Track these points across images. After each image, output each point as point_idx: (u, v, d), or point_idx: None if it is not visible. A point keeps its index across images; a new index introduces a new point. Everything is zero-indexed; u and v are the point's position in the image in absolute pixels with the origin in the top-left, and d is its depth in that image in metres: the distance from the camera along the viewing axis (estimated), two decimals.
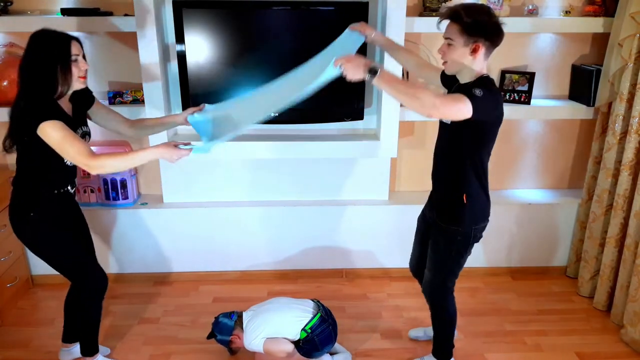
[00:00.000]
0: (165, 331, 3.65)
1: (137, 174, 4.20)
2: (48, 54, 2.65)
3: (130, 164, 2.70)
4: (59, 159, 2.73)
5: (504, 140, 4.23)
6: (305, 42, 3.66)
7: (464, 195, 2.80)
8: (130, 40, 3.73)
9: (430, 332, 3.36)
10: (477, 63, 2.60)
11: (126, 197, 4.04)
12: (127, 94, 3.86)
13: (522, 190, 4.40)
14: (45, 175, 2.81)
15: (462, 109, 2.46)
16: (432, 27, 3.62)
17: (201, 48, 3.61)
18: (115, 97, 3.85)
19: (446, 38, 2.63)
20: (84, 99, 2.95)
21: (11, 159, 4.07)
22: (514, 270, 4.31)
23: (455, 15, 2.57)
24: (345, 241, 4.21)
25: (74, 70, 2.70)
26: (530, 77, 3.94)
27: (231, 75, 3.69)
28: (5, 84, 3.70)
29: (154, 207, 4.05)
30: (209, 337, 3.31)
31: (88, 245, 3.17)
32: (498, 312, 3.84)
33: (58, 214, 2.90)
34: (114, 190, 4.02)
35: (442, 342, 3.19)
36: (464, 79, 2.67)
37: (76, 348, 3.28)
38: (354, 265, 4.30)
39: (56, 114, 2.64)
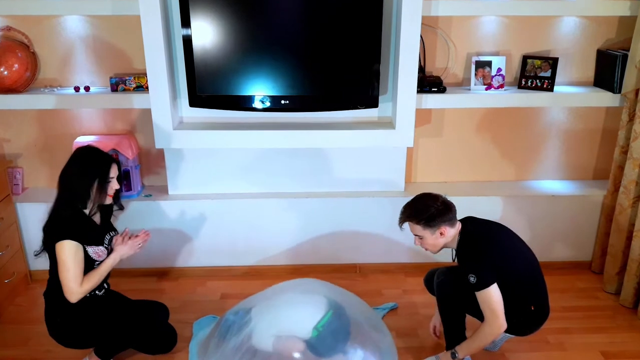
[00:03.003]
0: None
1: (141, 165, 4.17)
2: (89, 170, 3.00)
3: (103, 275, 3.06)
4: (87, 266, 3.01)
5: (525, 129, 4.21)
6: (315, 25, 3.66)
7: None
8: (133, 24, 3.70)
9: (496, 344, 3.45)
10: (450, 236, 3.02)
11: (129, 189, 4.00)
12: (130, 81, 3.85)
13: (545, 181, 4.37)
14: None
15: (493, 297, 2.89)
16: (450, 10, 3.70)
17: (208, 32, 3.59)
18: (118, 84, 3.84)
19: (415, 234, 3.07)
20: (109, 207, 3.26)
21: (9, 148, 4.10)
22: None
23: (411, 219, 3.02)
24: (358, 235, 4.18)
25: (108, 190, 3.07)
26: (553, 62, 3.91)
27: (239, 60, 3.67)
28: (2, 69, 3.70)
29: (159, 199, 4.02)
30: None
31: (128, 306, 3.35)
32: None
33: (85, 317, 3.07)
34: None
35: (455, 335, 3.22)
36: (452, 247, 3.10)
37: None
38: (368, 260, 4.27)
39: (81, 231, 2.97)
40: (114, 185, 3.09)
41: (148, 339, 3.33)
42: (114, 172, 3.08)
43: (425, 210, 2.98)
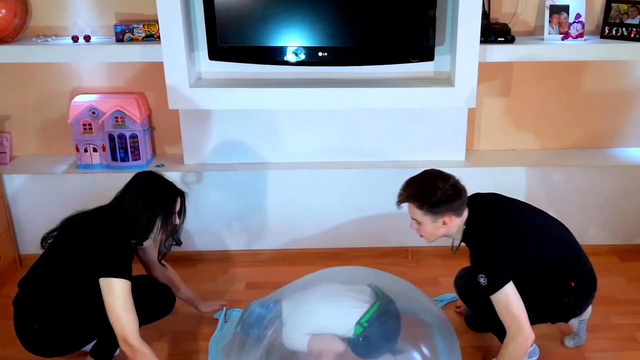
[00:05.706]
0: (186, 325, 3.49)
1: (152, 129, 3.99)
2: (154, 204, 2.86)
3: None
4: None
5: (609, 87, 3.98)
6: None
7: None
8: None
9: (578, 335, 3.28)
10: (453, 226, 2.85)
11: (137, 158, 3.89)
12: (138, 29, 3.68)
13: (630, 148, 4.12)
14: (80, 320, 2.85)
15: (510, 299, 2.69)
16: None
17: None
18: (124, 32, 3.69)
19: (412, 218, 2.91)
20: None
21: None
22: (621, 249, 4.05)
23: (412, 201, 2.84)
24: None
25: (170, 226, 2.95)
26: None
27: (268, 4, 3.55)
28: None
29: (173, 170, 3.85)
30: None
31: None
32: (602, 301, 3.49)
33: (71, 313, 2.88)
34: (122, 149, 3.87)
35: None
36: (456, 238, 2.96)
37: None
38: (422, 242, 3.91)
39: (130, 267, 2.80)
40: (174, 221, 2.99)
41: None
42: (177, 206, 2.99)
43: (432, 193, 2.81)
